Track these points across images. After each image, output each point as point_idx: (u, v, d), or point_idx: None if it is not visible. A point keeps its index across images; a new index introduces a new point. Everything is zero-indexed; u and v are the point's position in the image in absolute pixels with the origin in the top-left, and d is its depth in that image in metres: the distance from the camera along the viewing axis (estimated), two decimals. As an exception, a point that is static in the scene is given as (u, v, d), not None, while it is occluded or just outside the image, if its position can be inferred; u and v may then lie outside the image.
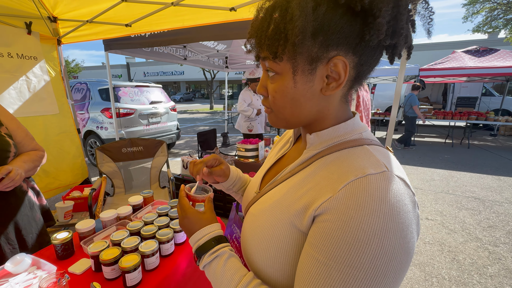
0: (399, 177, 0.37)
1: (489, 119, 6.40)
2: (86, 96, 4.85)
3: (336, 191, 0.36)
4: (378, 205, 0.33)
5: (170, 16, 2.28)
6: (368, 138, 0.45)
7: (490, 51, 6.37)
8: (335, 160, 0.42)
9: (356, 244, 0.33)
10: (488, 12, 11.14)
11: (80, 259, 0.98)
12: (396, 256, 0.33)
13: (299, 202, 0.42)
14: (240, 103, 3.57)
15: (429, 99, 11.59)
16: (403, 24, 0.36)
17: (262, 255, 0.44)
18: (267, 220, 0.45)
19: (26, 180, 1.19)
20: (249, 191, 0.61)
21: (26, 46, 2.28)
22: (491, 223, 2.68)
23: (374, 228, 0.33)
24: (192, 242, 0.52)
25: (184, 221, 0.54)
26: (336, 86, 0.40)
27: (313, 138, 0.46)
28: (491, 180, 3.97)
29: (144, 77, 32.69)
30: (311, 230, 0.38)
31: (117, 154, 2.41)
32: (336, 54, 0.38)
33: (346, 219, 0.34)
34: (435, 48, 18.84)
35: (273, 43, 0.39)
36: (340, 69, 0.39)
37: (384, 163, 0.38)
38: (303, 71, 0.40)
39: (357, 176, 0.36)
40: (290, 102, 0.43)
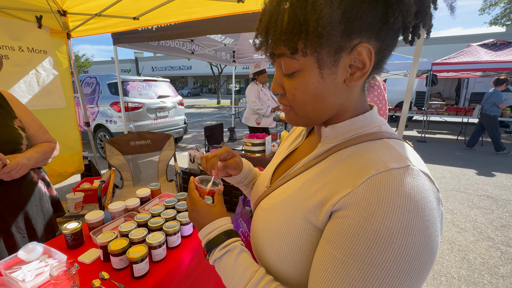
0: (424, 172, 0.35)
1: (505, 115, 6.17)
2: (95, 90, 4.92)
3: (356, 186, 0.34)
4: (402, 201, 0.31)
5: (178, 9, 2.27)
6: (387, 131, 0.42)
7: (508, 45, 6.10)
8: (353, 154, 0.40)
9: (378, 241, 0.31)
10: (507, 3, 10.66)
11: (90, 249, 1.00)
12: (420, 255, 0.31)
13: (315, 197, 0.40)
14: (253, 102, 3.51)
15: (442, 94, 11.25)
16: (428, 2, 0.34)
17: (274, 251, 0.43)
18: (280, 215, 0.44)
19: (37, 171, 1.22)
20: (259, 185, 0.60)
21: (37, 40, 2.31)
22: (504, 223, 2.61)
23: (398, 225, 0.31)
24: (201, 235, 0.50)
25: (194, 214, 0.52)
26: (361, 75, 0.38)
27: (328, 131, 0.44)
28: (505, 178, 3.84)
29: (152, 71, 32.94)
30: (328, 226, 0.37)
31: (125, 147, 2.44)
32: (360, 42, 0.36)
33: (367, 215, 0.32)
34: (449, 41, 18.14)
35: (291, 37, 0.36)
36: (364, 57, 0.36)
37: (408, 157, 0.36)
38: (325, 64, 0.37)
39: (379, 170, 0.34)
40: (313, 98, 0.40)
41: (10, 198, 1.06)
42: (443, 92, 11.44)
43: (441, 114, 6.69)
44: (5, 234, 1.03)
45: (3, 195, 1.03)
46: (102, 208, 1.88)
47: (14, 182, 1.05)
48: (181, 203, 1.22)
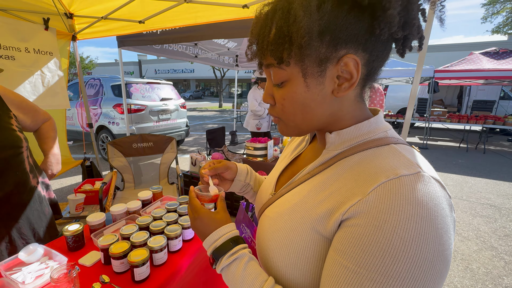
0: (435, 178, 0.34)
1: (507, 123, 6.14)
2: (99, 92, 4.96)
3: (366, 194, 0.34)
4: (415, 209, 0.30)
5: (183, 13, 2.29)
6: (393, 136, 0.42)
7: (510, 53, 6.12)
8: (360, 161, 0.39)
9: (390, 251, 0.30)
10: (509, 12, 10.74)
11: (90, 252, 0.99)
12: (435, 264, 0.30)
13: (322, 206, 0.39)
14: (252, 103, 3.55)
15: (444, 101, 11.25)
16: (414, 14, 0.35)
17: (281, 260, 0.42)
18: (286, 225, 0.43)
19: (36, 174, 1.20)
20: (263, 192, 0.59)
21: (43, 41, 2.34)
22: (508, 232, 2.58)
23: (411, 234, 0.30)
24: (207, 244, 0.48)
25: (197, 222, 0.50)
26: (349, 86, 0.38)
27: (333, 137, 0.43)
28: (508, 187, 3.81)
29: (155, 74, 33.17)
30: (337, 235, 0.36)
31: (127, 149, 2.44)
32: (346, 53, 0.36)
33: (378, 224, 0.31)
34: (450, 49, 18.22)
35: (277, 47, 0.37)
36: (351, 68, 0.37)
37: (417, 163, 0.35)
38: (312, 74, 0.38)
39: (389, 177, 0.33)
40: (301, 108, 0.41)
41: (11, 205, 1.04)
42: (445, 99, 11.45)
43: (443, 121, 6.68)
44: (7, 240, 1.02)
45: (3, 202, 1.02)
46: (103, 209, 1.87)
47: (14, 189, 1.05)
48: (183, 207, 1.21)
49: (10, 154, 1.02)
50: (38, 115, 1.24)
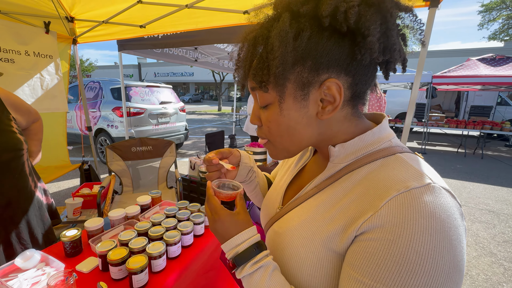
0: (444, 188, 0.34)
1: (505, 129, 6.20)
2: (98, 95, 4.95)
3: (377, 208, 0.34)
4: (428, 222, 0.30)
5: (184, 18, 2.31)
6: (398, 145, 0.42)
7: (507, 60, 6.19)
8: (369, 174, 0.39)
9: (407, 265, 0.30)
10: (505, 19, 10.90)
11: (88, 258, 0.98)
12: (450, 276, 0.30)
13: (333, 223, 0.39)
14: (250, 107, 3.57)
15: (441, 106, 11.34)
16: (394, 39, 0.36)
17: (294, 276, 0.42)
18: (297, 241, 0.43)
19: (35, 180, 1.19)
20: (269, 205, 0.58)
21: (43, 45, 2.34)
22: (507, 238, 2.58)
23: (427, 247, 0.30)
24: (227, 247, 0.46)
25: (217, 224, 0.47)
26: (332, 109, 0.39)
27: (338, 150, 0.43)
28: (506, 192, 3.82)
29: (155, 77, 33.26)
30: (351, 250, 0.36)
31: (126, 153, 2.43)
32: (328, 77, 0.37)
33: (393, 238, 0.31)
34: (448, 55, 18.46)
35: (257, 72, 0.39)
36: (334, 91, 0.37)
37: (426, 174, 0.35)
38: (295, 98, 0.39)
39: (400, 190, 0.33)
40: (286, 130, 0.42)
41: (13, 209, 1.04)
42: (442, 104, 11.54)
43: (441, 126, 6.72)
44: (5, 245, 1.01)
45: (5, 206, 1.01)
46: (101, 214, 1.86)
47: (15, 193, 1.04)
48: (182, 212, 1.20)
49: (11, 157, 1.02)
50: (31, 116, 1.23)
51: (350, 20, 0.33)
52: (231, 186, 0.56)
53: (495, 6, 10.82)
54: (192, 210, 1.24)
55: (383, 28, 0.34)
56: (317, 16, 0.35)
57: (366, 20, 0.33)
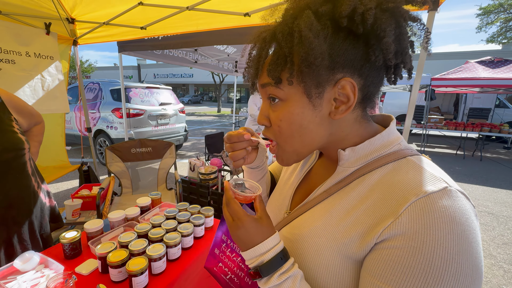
0: (460, 191, 0.34)
1: (503, 131, 6.23)
2: (98, 96, 4.95)
3: (397, 215, 0.33)
4: (450, 227, 0.31)
5: (185, 20, 2.31)
6: (407, 148, 0.42)
7: (505, 62, 6.23)
8: (382, 178, 0.39)
9: (433, 271, 0.30)
10: (503, 22, 10.98)
11: (87, 260, 0.97)
12: (474, 278, 0.31)
13: (349, 230, 0.38)
14: (251, 107, 3.58)
15: (440, 109, 11.37)
16: (406, 43, 0.37)
17: (310, 283, 0.41)
18: (311, 248, 0.42)
19: (39, 181, 1.19)
20: (276, 209, 0.56)
21: (44, 46, 2.34)
22: (506, 240, 2.58)
23: (451, 252, 0.30)
24: (250, 256, 0.42)
25: (240, 232, 0.42)
26: (346, 109, 0.39)
27: (348, 154, 0.43)
28: (505, 194, 3.83)
29: (154, 78, 33.28)
30: (372, 258, 0.35)
31: (126, 154, 2.43)
32: (343, 76, 0.38)
33: (417, 245, 0.31)
34: (446, 57, 18.57)
35: (274, 68, 0.38)
36: (348, 90, 0.38)
37: (441, 177, 0.35)
38: (309, 96, 0.38)
39: (418, 195, 0.33)
40: (298, 129, 0.41)
41: (15, 209, 1.04)
42: (441, 106, 11.58)
43: (440, 128, 6.74)
44: (7, 245, 1.01)
45: (9, 206, 1.01)
46: (100, 215, 1.85)
47: (18, 193, 1.04)
48: (182, 214, 1.20)
49: (12, 157, 1.02)
50: (33, 119, 1.25)
51: (368, 21, 0.33)
52: (247, 185, 0.51)
53: (493, 9, 10.89)
54: (192, 212, 1.24)
55: (396, 32, 0.35)
56: (335, 16, 0.35)
57: (382, 22, 0.34)
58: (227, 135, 0.52)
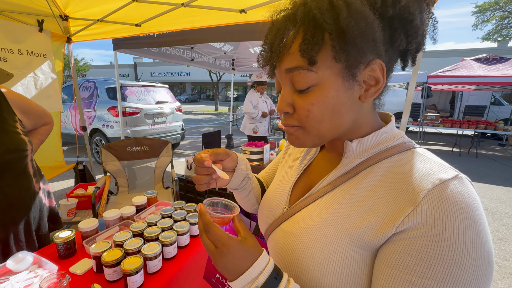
0: (467, 178, 0.35)
1: (498, 128, 6.29)
2: (93, 95, 4.90)
3: (417, 203, 0.33)
4: (467, 213, 0.31)
5: (180, 17, 2.29)
6: (410, 141, 0.43)
7: (500, 60, 6.27)
8: (391, 169, 0.39)
9: (456, 257, 0.30)
10: (498, 20, 11.05)
11: (82, 259, 0.96)
12: (490, 260, 0.32)
13: (363, 219, 0.37)
14: (246, 105, 3.57)
15: (436, 106, 11.45)
16: (426, 28, 0.37)
17: (317, 278, 0.39)
18: (319, 241, 0.40)
19: (39, 180, 1.18)
20: (273, 205, 0.54)
21: (37, 43, 2.30)
22: (501, 236, 2.61)
23: (471, 237, 0.31)
24: (241, 284, 0.37)
25: (227, 259, 0.37)
26: (375, 91, 0.38)
27: (355, 146, 0.43)
28: (500, 191, 3.87)
29: (151, 77, 33.06)
30: (391, 249, 0.34)
31: (122, 153, 2.41)
32: (373, 58, 0.37)
33: (439, 232, 0.31)
34: (442, 55, 18.68)
35: (311, 47, 0.34)
36: (378, 73, 0.37)
37: (450, 166, 0.36)
38: (344, 77, 0.37)
39: (434, 183, 0.33)
40: (330, 113, 0.38)
41: (15, 210, 1.03)
42: (437, 104, 11.66)
43: (436, 126, 6.78)
44: (3, 245, 1.00)
45: (9, 207, 1.00)
46: (96, 215, 1.83)
47: (18, 194, 1.04)
48: (178, 212, 1.19)
49: (14, 157, 1.01)
50: (41, 120, 1.24)
51: (400, 3, 0.34)
52: (221, 205, 0.46)
53: (488, 7, 10.95)
54: (189, 210, 1.23)
55: (421, 17, 0.36)
56: None
57: (410, 6, 0.34)
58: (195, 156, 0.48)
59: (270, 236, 0.51)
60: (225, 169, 0.53)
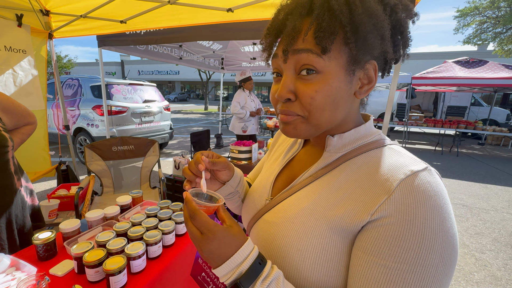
0: (435, 170, 0.38)
1: (477, 128, 6.58)
2: (77, 93, 4.75)
3: (390, 191, 0.35)
4: (434, 200, 0.34)
5: (167, 15, 2.26)
6: (385, 138, 0.46)
7: (479, 63, 6.56)
8: (368, 162, 0.42)
9: (424, 241, 0.33)
10: (478, 25, 11.52)
11: (63, 261, 0.94)
12: (455, 244, 0.34)
13: (340, 207, 0.39)
14: (234, 106, 3.56)
15: (421, 107, 11.83)
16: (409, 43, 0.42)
17: (294, 268, 0.41)
18: (299, 228, 0.42)
19: (20, 178, 1.15)
20: (255, 197, 0.56)
21: (16, 38, 2.21)
22: (478, 230, 2.74)
23: (437, 222, 0.33)
24: (226, 270, 0.37)
25: (212, 244, 0.37)
26: (368, 89, 0.41)
27: (336, 140, 0.45)
28: (478, 188, 4.06)
29: (139, 75, 32.34)
30: (367, 236, 0.36)
31: (107, 153, 2.35)
32: (370, 59, 0.40)
33: (410, 218, 0.33)
34: (426, 57, 19.37)
35: (328, 36, 0.35)
36: (372, 73, 0.40)
37: (420, 160, 0.39)
38: (347, 71, 0.39)
39: (406, 174, 0.36)
40: (332, 103, 0.39)
41: None
42: (422, 104, 12.04)
43: (420, 126, 7.02)
44: None
45: None
46: (79, 216, 1.79)
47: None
48: (164, 211, 1.18)
49: None
50: (22, 120, 1.22)
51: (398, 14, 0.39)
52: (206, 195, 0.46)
53: (469, 12, 11.39)
54: (174, 209, 1.22)
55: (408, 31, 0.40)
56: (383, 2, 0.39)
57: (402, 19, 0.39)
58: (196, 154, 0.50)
59: (253, 228, 0.53)
60: (218, 180, 0.55)
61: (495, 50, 11.50)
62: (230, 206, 0.66)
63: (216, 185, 0.55)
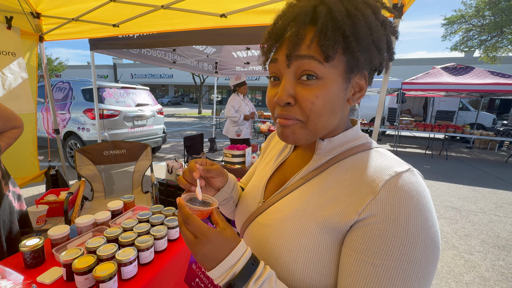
0: (417, 171, 0.40)
1: (465, 132, 6.78)
2: (68, 96, 4.67)
3: (376, 192, 0.37)
4: (417, 199, 0.36)
5: (160, 19, 2.26)
6: (372, 142, 0.48)
7: (466, 69, 6.79)
8: (355, 164, 0.43)
9: (408, 238, 0.34)
10: (464, 32, 11.91)
11: (51, 268, 0.92)
12: (437, 242, 0.36)
13: (329, 208, 0.41)
14: (228, 109, 3.57)
15: (411, 111, 12.09)
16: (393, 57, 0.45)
17: (286, 268, 0.42)
18: (291, 229, 0.43)
19: (8, 183, 1.12)
20: (248, 201, 0.57)
21: (5, 41, 2.18)
22: (467, 232, 2.80)
23: (420, 221, 0.35)
24: (220, 271, 0.38)
25: (206, 248, 0.38)
26: (359, 97, 0.44)
27: (326, 144, 0.47)
28: (467, 190, 4.16)
29: (132, 78, 32.05)
30: (354, 235, 0.38)
31: (98, 157, 2.31)
32: (362, 68, 0.42)
33: (394, 217, 0.35)
34: (416, 63, 19.91)
35: (333, 44, 0.37)
36: (363, 81, 0.43)
37: (404, 162, 0.41)
38: (344, 78, 0.41)
39: (391, 175, 0.38)
40: (330, 109, 0.41)
41: None
42: (412, 109, 12.31)
43: (410, 129, 7.17)
44: None
45: None
46: (69, 222, 1.75)
47: None
48: (156, 216, 1.17)
49: None
50: (8, 123, 1.20)
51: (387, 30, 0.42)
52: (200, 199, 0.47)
53: (456, 20, 11.78)
54: (167, 214, 1.21)
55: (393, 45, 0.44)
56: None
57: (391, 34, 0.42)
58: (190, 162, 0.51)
59: (246, 230, 0.53)
60: (213, 187, 0.56)
61: (481, 57, 11.91)
62: (224, 212, 0.66)
63: (211, 192, 0.56)
